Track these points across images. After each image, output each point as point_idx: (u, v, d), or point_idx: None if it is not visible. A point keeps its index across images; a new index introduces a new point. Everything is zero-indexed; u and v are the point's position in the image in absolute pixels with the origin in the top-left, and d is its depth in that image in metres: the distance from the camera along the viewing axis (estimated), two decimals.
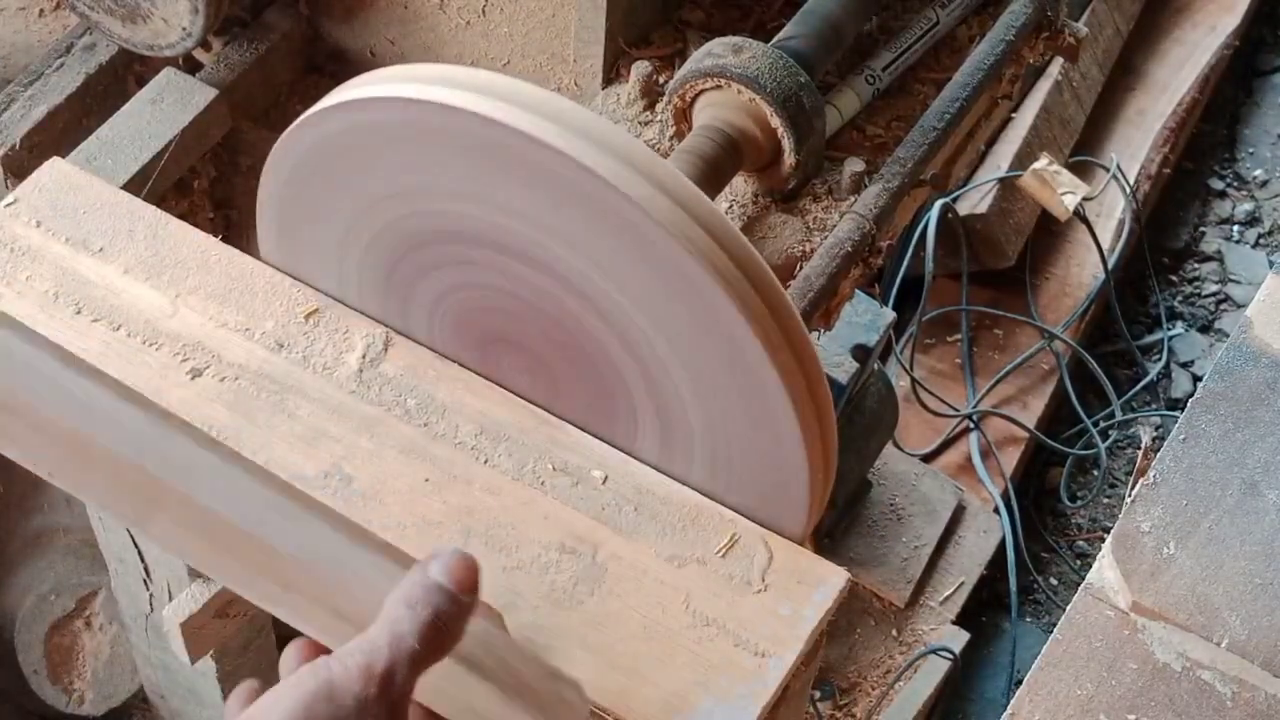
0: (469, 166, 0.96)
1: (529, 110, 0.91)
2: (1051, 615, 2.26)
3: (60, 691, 1.87)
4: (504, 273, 1.02)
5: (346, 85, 0.99)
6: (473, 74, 0.94)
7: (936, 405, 2.25)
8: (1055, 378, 2.35)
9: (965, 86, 1.31)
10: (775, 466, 1.00)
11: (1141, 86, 2.64)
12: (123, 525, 0.95)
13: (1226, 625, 0.89)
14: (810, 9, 1.31)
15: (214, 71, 1.81)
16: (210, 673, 1.48)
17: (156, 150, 1.71)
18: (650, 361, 1.00)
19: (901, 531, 2.05)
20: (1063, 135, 2.45)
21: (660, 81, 1.34)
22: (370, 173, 1.01)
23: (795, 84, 1.20)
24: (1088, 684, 0.87)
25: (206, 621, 1.28)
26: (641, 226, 0.91)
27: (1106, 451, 2.35)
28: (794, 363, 0.94)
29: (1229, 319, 2.58)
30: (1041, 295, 2.43)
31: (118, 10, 1.73)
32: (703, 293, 0.92)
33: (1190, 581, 0.91)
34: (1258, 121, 2.86)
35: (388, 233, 1.05)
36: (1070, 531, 2.37)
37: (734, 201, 1.27)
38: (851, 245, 1.21)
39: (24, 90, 1.78)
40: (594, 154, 0.90)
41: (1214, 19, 2.73)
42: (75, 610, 1.86)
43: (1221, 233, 2.70)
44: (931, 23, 1.37)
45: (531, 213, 0.96)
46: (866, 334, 1.50)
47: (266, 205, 1.10)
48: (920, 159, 1.27)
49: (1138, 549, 0.92)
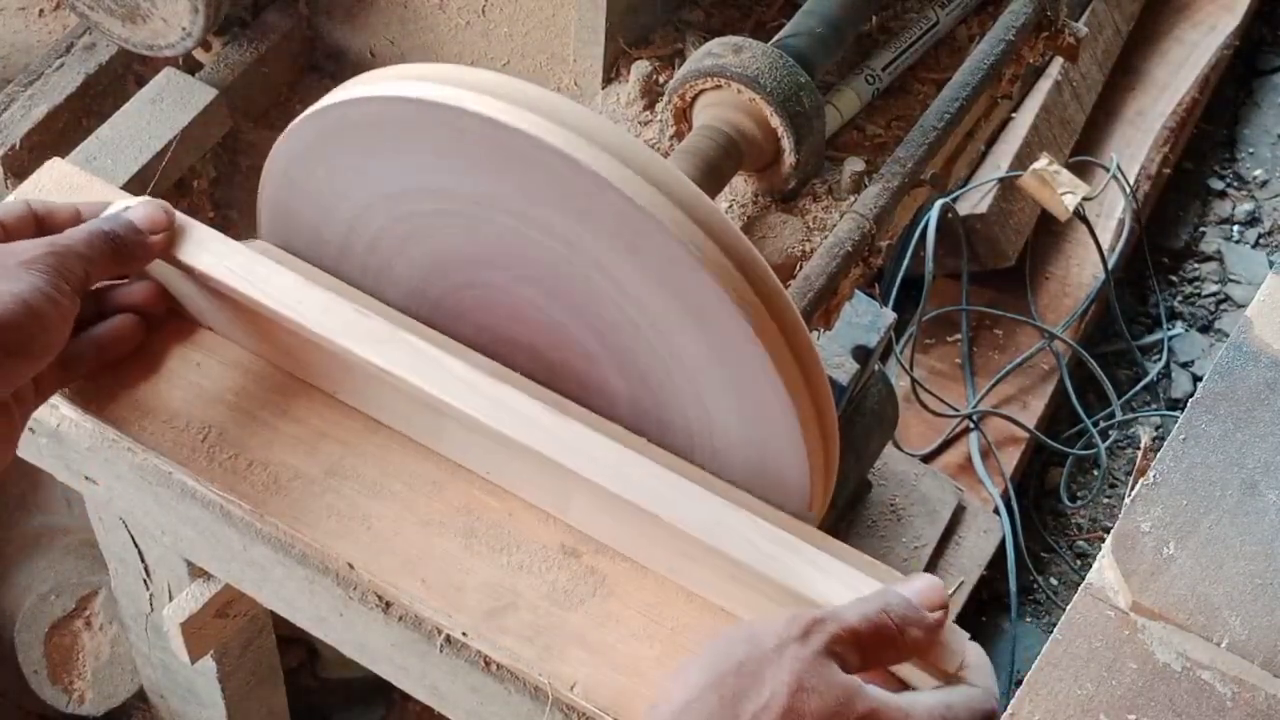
0: (470, 166, 0.96)
1: (531, 110, 0.91)
2: (1051, 615, 2.26)
3: (60, 691, 1.87)
4: (507, 274, 1.02)
5: (352, 82, 0.99)
6: (475, 74, 0.94)
7: (936, 405, 2.25)
8: (1055, 378, 2.35)
9: (965, 86, 1.31)
10: (777, 468, 1.00)
11: (1141, 86, 2.64)
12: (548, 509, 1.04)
13: (1226, 625, 0.89)
14: (810, 9, 1.31)
15: (214, 71, 1.81)
16: (210, 673, 1.48)
17: (156, 150, 1.71)
18: (650, 362, 1.00)
19: (901, 531, 2.05)
20: (1063, 135, 2.45)
21: (660, 81, 1.34)
22: (371, 172, 1.02)
23: (795, 84, 1.20)
24: (1088, 684, 0.87)
25: (206, 621, 1.28)
26: (642, 226, 0.91)
27: (1106, 451, 2.35)
28: (795, 363, 0.94)
29: (1229, 319, 2.58)
30: (1041, 295, 2.42)
31: (118, 10, 1.73)
32: (703, 293, 0.92)
33: (1190, 581, 0.91)
34: (1258, 121, 2.86)
35: (389, 231, 1.05)
36: (1070, 531, 2.37)
37: (734, 201, 1.27)
38: (851, 245, 1.21)
39: (24, 90, 1.78)
40: (594, 153, 0.91)
41: (1214, 19, 2.73)
42: (75, 610, 1.86)
43: (1221, 233, 2.70)
44: (931, 23, 1.37)
45: (532, 213, 0.96)
46: (867, 334, 1.49)
47: (267, 203, 1.10)
48: (920, 159, 1.27)
49: (1138, 549, 0.92)
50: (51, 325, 0.97)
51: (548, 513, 1.04)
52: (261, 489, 1.05)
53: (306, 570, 1.07)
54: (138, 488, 1.13)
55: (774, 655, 0.80)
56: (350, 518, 1.04)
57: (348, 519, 1.04)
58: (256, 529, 1.07)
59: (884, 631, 0.84)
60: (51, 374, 1.03)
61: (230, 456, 1.06)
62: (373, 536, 1.03)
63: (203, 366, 1.10)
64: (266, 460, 1.06)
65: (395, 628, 1.06)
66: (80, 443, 1.13)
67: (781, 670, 0.79)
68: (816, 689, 0.79)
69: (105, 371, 1.08)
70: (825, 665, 0.80)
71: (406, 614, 1.05)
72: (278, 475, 1.06)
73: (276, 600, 1.14)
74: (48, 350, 0.98)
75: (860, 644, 0.83)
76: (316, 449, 1.07)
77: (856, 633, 0.83)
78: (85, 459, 1.15)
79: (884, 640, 0.84)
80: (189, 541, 1.15)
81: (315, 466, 1.06)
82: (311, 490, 1.05)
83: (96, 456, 1.13)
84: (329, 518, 1.04)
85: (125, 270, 1.06)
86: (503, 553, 1.03)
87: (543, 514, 1.04)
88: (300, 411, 1.09)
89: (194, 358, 1.11)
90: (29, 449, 1.20)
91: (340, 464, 1.06)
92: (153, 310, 1.09)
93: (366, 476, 1.06)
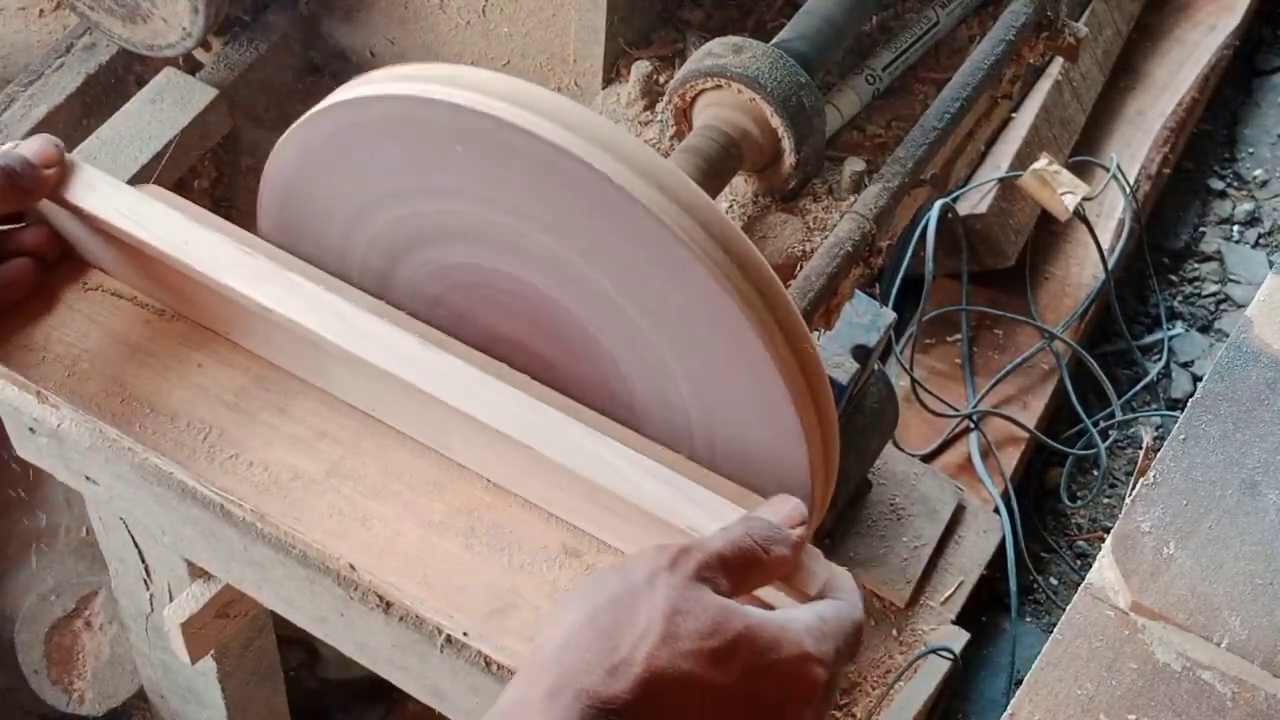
0: (472, 166, 0.96)
1: (532, 110, 0.91)
2: (1051, 615, 2.26)
3: (60, 691, 1.87)
4: (508, 273, 1.02)
5: (353, 82, 0.99)
6: (476, 74, 0.94)
7: (936, 405, 2.25)
8: (1055, 378, 2.35)
9: (965, 86, 1.31)
10: (776, 468, 1.00)
11: (1141, 86, 2.64)
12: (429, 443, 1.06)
13: (1226, 625, 0.89)
14: (810, 9, 1.31)
15: (214, 71, 1.81)
16: (210, 673, 1.48)
17: (156, 150, 1.71)
18: (649, 362, 1.00)
19: (901, 531, 2.05)
20: (1063, 135, 2.45)
21: (660, 81, 1.34)
22: (372, 171, 1.02)
23: (795, 84, 1.20)
24: (1088, 684, 0.87)
25: (206, 621, 1.28)
26: (643, 226, 0.91)
27: (1106, 451, 2.35)
28: (795, 363, 0.95)
29: (1229, 319, 2.58)
30: (1041, 295, 2.42)
31: (118, 10, 1.73)
32: (704, 293, 0.92)
33: (1190, 581, 0.91)
34: (1258, 121, 2.86)
35: (390, 231, 1.05)
36: (1070, 531, 2.37)
37: (734, 201, 1.27)
38: (851, 245, 1.21)
39: (24, 90, 1.78)
40: (595, 153, 0.91)
41: (1214, 19, 2.72)
42: (75, 610, 1.86)
43: (1221, 233, 2.70)
44: (931, 23, 1.37)
45: (533, 212, 0.96)
46: (867, 334, 1.49)
47: (267, 203, 1.10)
48: (920, 159, 1.27)
49: (1138, 549, 0.92)
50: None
51: (545, 510, 1.04)
52: (262, 489, 1.05)
53: (307, 570, 1.07)
54: (138, 488, 1.13)
55: (645, 586, 0.82)
56: (351, 518, 1.04)
57: (348, 519, 1.04)
58: (257, 529, 1.07)
59: (749, 553, 0.86)
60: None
61: (230, 456, 1.06)
62: (373, 537, 1.03)
63: (204, 367, 1.10)
64: (267, 460, 1.06)
65: (396, 628, 1.06)
66: (80, 442, 1.12)
67: (655, 598, 0.81)
68: (691, 611, 0.81)
69: (1, 315, 1.10)
70: (697, 589, 0.83)
71: (407, 614, 1.05)
72: (278, 475, 1.06)
73: (277, 600, 1.14)
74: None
75: (728, 567, 0.85)
76: (317, 449, 1.07)
77: (723, 557, 0.85)
78: (85, 459, 1.15)
79: (750, 561, 0.86)
80: (189, 541, 1.15)
81: (315, 466, 1.06)
82: (312, 490, 1.05)
83: (97, 456, 1.13)
84: (329, 518, 1.04)
85: (20, 205, 1.08)
86: (503, 553, 1.03)
87: (543, 514, 1.04)
88: (300, 411, 1.09)
89: (195, 358, 1.11)
90: (29, 449, 1.20)
91: (340, 464, 1.06)
92: (46, 254, 1.11)
93: (367, 476, 1.06)
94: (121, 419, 1.07)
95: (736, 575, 0.86)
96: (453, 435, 1.03)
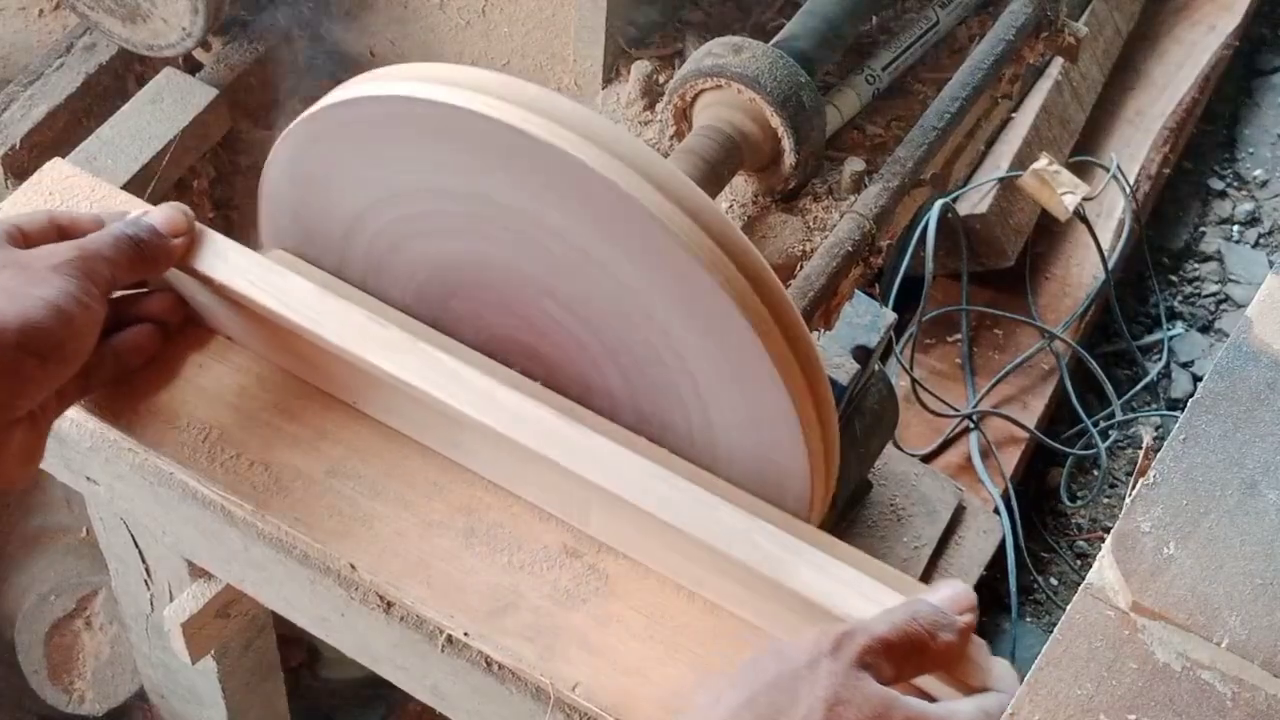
0: (472, 166, 0.96)
1: (533, 110, 0.91)
2: (1051, 615, 2.26)
3: (60, 691, 1.87)
4: (507, 274, 1.02)
5: (352, 82, 0.99)
6: (476, 74, 0.94)
7: (936, 405, 2.25)
8: (1055, 378, 2.35)
9: (965, 86, 1.31)
10: (776, 468, 1.00)
11: (1141, 86, 2.64)
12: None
13: (1226, 625, 0.89)
14: (810, 9, 1.31)
15: (214, 71, 1.81)
16: (210, 673, 1.48)
17: (156, 150, 1.71)
18: (650, 363, 1.00)
19: (901, 531, 2.05)
20: (1063, 135, 2.45)
21: (660, 81, 1.34)
22: (372, 172, 1.02)
23: (795, 84, 1.20)
24: (1088, 684, 0.87)
25: (207, 621, 1.28)
26: (643, 226, 0.91)
27: (1106, 451, 2.34)
28: (795, 364, 0.95)
29: (1229, 319, 2.57)
30: (1041, 295, 2.42)
31: (118, 10, 1.73)
32: (704, 293, 0.92)
33: (1190, 581, 0.91)
34: (1258, 121, 2.86)
35: (390, 231, 1.05)
36: (1070, 531, 2.37)
37: (734, 201, 1.27)
38: (851, 245, 1.21)
39: (24, 90, 1.78)
40: (596, 154, 0.91)
41: (1214, 19, 2.72)
42: (75, 610, 1.86)
43: (1221, 233, 2.70)
44: (931, 23, 1.37)
45: (533, 213, 0.96)
46: (867, 334, 1.49)
47: (267, 203, 1.10)
48: (920, 159, 1.27)
49: (1138, 549, 0.92)
50: (81, 329, 0.96)
51: (549, 513, 1.04)
52: (263, 489, 1.05)
53: (308, 571, 1.07)
54: (139, 488, 1.13)
55: (807, 671, 0.80)
56: (351, 518, 1.04)
57: (349, 519, 1.04)
58: (258, 529, 1.07)
59: (914, 639, 0.83)
60: (73, 383, 1.02)
61: (231, 457, 1.06)
62: (374, 537, 1.03)
63: (204, 367, 1.10)
64: (268, 460, 1.06)
65: (396, 628, 1.06)
66: (81, 443, 1.13)
67: (816, 685, 0.79)
68: (853, 701, 0.79)
69: (123, 381, 1.08)
70: (859, 677, 0.80)
71: (408, 614, 1.05)
72: (279, 475, 1.06)
73: (278, 601, 1.14)
74: (78, 355, 0.97)
75: (891, 654, 0.82)
76: (318, 449, 1.07)
77: (887, 642, 0.82)
78: (86, 459, 1.15)
79: (915, 648, 0.83)
80: (190, 542, 1.15)
81: (316, 467, 1.06)
82: (313, 490, 1.05)
83: (97, 457, 1.13)
84: (330, 518, 1.04)
85: (148, 274, 1.06)
86: (504, 553, 1.03)
87: (543, 514, 1.04)
88: (301, 412, 1.09)
89: (196, 359, 1.11)
90: None
91: (341, 464, 1.06)
92: (170, 319, 1.09)
93: (368, 477, 1.06)
94: (122, 420, 1.07)
95: (899, 662, 0.83)
96: (592, 507, 1.02)
